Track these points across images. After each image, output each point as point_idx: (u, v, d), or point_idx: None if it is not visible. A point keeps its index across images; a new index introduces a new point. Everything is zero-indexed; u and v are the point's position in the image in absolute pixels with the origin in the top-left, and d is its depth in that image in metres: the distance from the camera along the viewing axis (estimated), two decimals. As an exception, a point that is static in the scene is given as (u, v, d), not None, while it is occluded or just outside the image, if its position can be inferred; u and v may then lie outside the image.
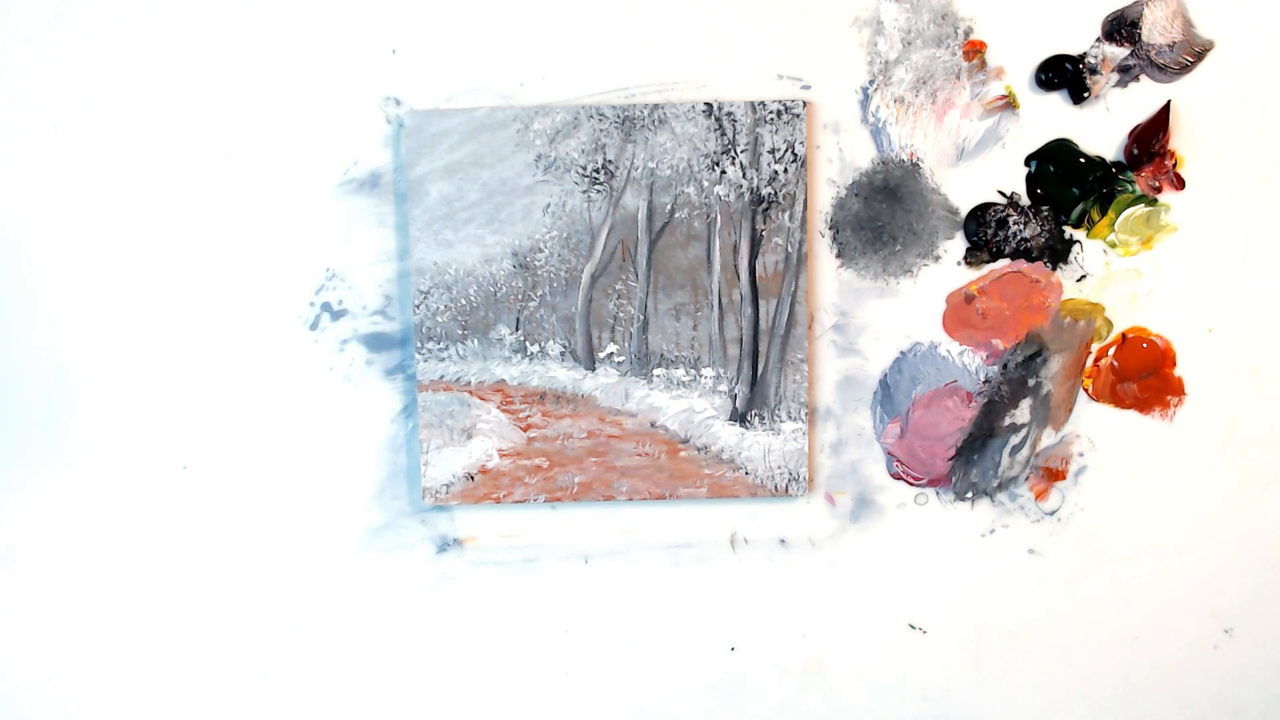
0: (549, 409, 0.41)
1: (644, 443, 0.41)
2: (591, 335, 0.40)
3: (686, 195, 0.40)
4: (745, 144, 0.40)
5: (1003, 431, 0.45)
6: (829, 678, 0.47)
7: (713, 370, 0.41)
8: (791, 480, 0.41)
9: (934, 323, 0.44)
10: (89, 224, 0.42)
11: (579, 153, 0.40)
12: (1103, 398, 0.45)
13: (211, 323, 0.43)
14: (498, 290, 0.40)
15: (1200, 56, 0.43)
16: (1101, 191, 0.44)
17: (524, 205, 0.40)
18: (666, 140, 0.40)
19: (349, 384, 0.43)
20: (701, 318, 0.41)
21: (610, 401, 0.41)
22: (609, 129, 0.40)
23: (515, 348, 0.40)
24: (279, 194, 0.42)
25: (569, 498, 0.40)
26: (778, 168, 0.40)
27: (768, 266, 0.41)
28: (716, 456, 0.41)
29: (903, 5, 0.43)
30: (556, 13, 0.42)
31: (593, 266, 0.40)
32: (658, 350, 0.41)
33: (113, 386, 0.43)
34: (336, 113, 0.42)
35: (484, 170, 0.39)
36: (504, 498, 0.40)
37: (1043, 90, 0.43)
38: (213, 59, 0.41)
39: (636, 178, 0.40)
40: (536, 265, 0.40)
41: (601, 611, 0.46)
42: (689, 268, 0.41)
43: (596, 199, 0.40)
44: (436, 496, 0.39)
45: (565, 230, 0.40)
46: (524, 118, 0.39)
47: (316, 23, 0.41)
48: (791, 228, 0.40)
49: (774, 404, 0.40)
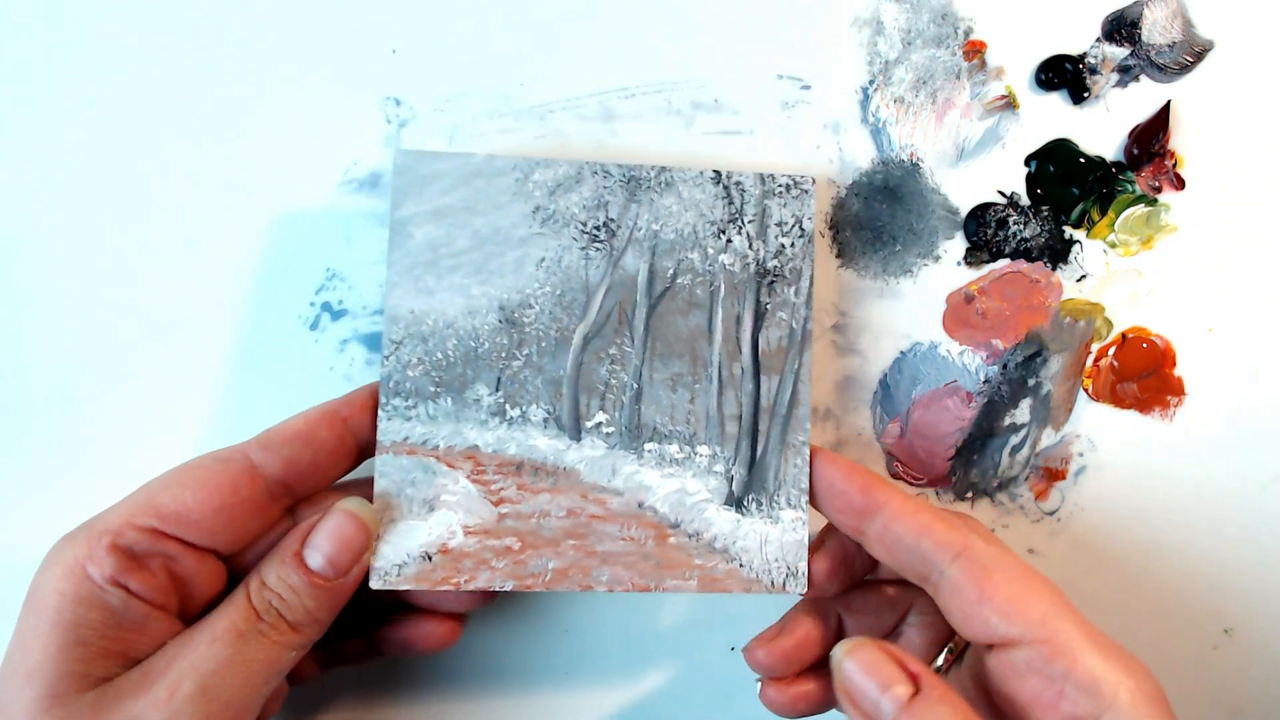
0: (525, 482, 0.37)
1: (629, 525, 0.37)
2: (579, 401, 0.37)
3: (690, 261, 0.38)
4: (753, 215, 0.38)
5: (1003, 431, 0.45)
6: (829, 678, 0.47)
7: (709, 449, 0.38)
8: (790, 576, 0.37)
9: (934, 323, 0.44)
10: (88, 224, 0.42)
11: (580, 208, 0.37)
12: (1103, 398, 0.45)
13: (211, 323, 0.43)
14: (479, 346, 0.37)
15: (1200, 56, 0.43)
16: (1101, 191, 0.44)
17: (516, 257, 0.37)
18: (672, 203, 0.38)
19: (350, 384, 0.43)
20: (700, 390, 0.38)
21: (595, 477, 0.37)
22: (613, 186, 0.38)
23: (493, 410, 0.37)
24: (279, 194, 0.42)
25: (540, 586, 0.36)
26: (785, 241, 0.38)
27: (771, 341, 0.38)
28: (709, 545, 0.37)
29: (903, 5, 0.43)
30: (556, 12, 0.42)
31: (586, 328, 0.37)
32: (650, 423, 0.38)
33: (112, 386, 0.43)
34: (336, 113, 0.42)
35: (476, 217, 0.37)
36: (465, 583, 0.36)
37: (1043, 90, 0.43)
38: (212, 59, 0.41)
39: (639, 239, 0.38)
40: (525, 322, 0.37)
41: (601, 612, 0.46)
42: (689, 336, 0.38)
43: (595, 257, 0.37)
44: (385, 579, 0.35)
45: (559, 287, 0.37)
46: (524, 167, 0.37)
47: (316, 22, 0.41)
48: (796, 303, 0.38)
49: (773, 490, 0.38)
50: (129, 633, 0.32)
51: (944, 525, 0.34)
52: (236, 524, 0.34)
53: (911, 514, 0.34)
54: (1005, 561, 0.33)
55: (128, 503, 0.33)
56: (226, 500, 0.33)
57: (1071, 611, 0.33)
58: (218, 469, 0.34)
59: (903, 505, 0.35)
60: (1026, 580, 0.33)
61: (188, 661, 0.32)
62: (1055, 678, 0.32)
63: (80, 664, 0.31)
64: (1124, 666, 0.32)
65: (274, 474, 0.34)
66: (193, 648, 0.32)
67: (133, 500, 0.33)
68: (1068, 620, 0.32)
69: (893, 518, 0.35)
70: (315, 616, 0.34)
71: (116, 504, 0.34)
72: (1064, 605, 0.33)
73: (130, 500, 0.33)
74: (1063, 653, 0.32)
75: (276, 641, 0.33)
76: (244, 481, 0.33)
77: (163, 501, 0.33)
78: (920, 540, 0.34)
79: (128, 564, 0.32)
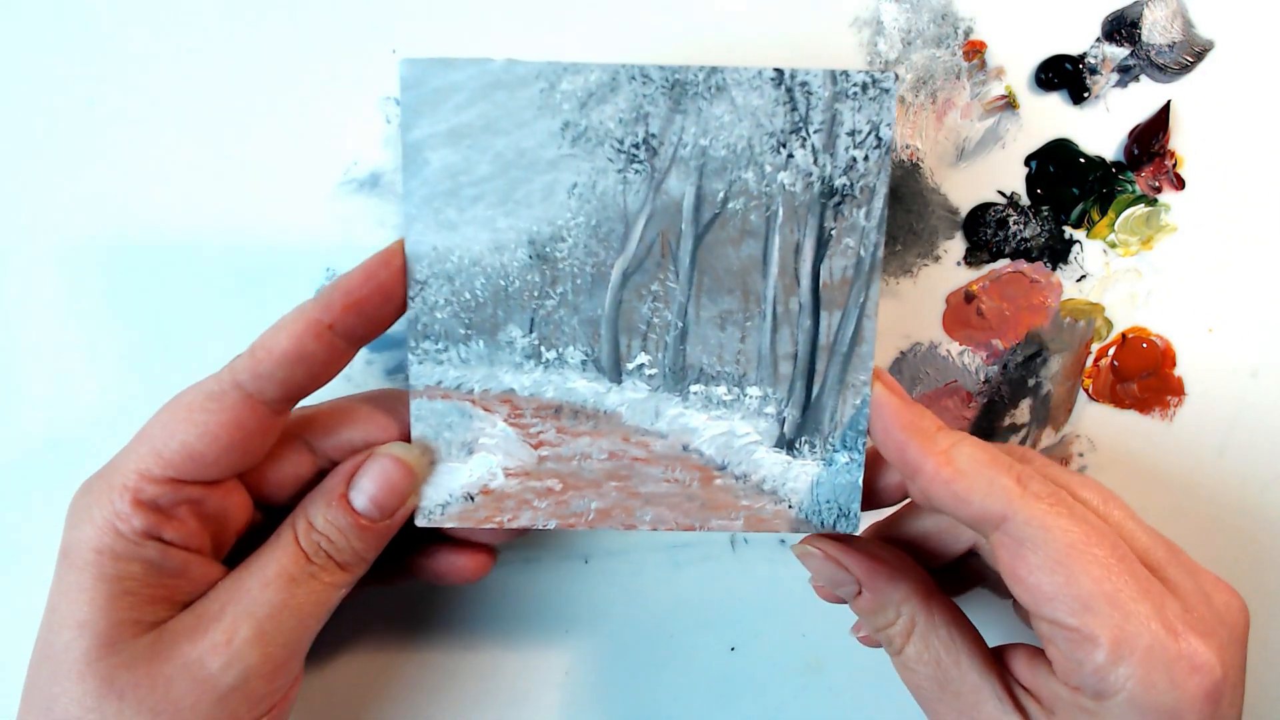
0: (565, 425, 0.35)
1: (674, 467, 0.35)
2: (620, 343, 0.34)
3: (744, 182, 0.33)
4: (820, 122, 0.32)
5: (1003, 431, 0.45)
6: (829, 678, 0.47)
7: (759, 390, 0.34)
8: (841, 516, 0.35)
9: (934, 323, 0.44)
10: (87, 224, 0.42)
11: (616, 123, 0.32)
12: (1103, 398, 0.45)
13: (211, 323, 0.43)
14: (509, 285, 0.33)
15: (1200, 56, 0.43)
16: (1101, 191, 0.44)
17: (545, 184, 0.33)
18: (724, 112, 0.32)
19: (350, 384, 0.43)
20: (751, 328, 0.34)
21: (637, 420, 0.35)
22: (654, 95, 0.32)
23: (528, 353, 0.34)
24: (279, 194, 0.42)
25: (584, 525, 0.35)
26: (856, 154, 0.33)
27: (834, 272, 0.33)
28: (757, 486, 0.35)
29: (903, 5, 0.43)
30: (555, 13, 0.42)
31: (625, 262, 0.33)
32: (697, 364, 0.34)
33: (113, 386, 0.43)
34: (336, 113, 0.42)
35: (498, 137, 0.32)
36: (508, 522, 0.35)
37: (1043, 90, 0.43)
38: (211, 58, 0.41)
39: (684, 157, 0.33)
40: (558, 257, 0.33)
41: (602, 611, 0.46)
42: (740, 269, 0.34)
43: (634, 181, 0.33)
44: (430, 518, 0.35)
45: (594, 216, 0.33)
46: (550, 74, 0.31)
47: (316, 22, 0.41)
48: (867, 227, 0.33)
49: (828, 431, 0.34)
50: (171, 579, 0.33)
51: (984, 490, 0.31)
52: (249, 450, 0.34)
53: (945, 482, 0.32)
54: (1047, 534, 0.31)
55: (134, 454, 0.33)
56: (234, 436, 0.33)
57: (1114, 594, 0.30)
58: (214, 407, 0.33)
59: (937, 471, 0.32)
60: (1067, 558, 0.31)
61: (242, 606, 0.33)
62: (1075, 662, 0.31)
63: (130, 611, 0.32)
64: (1159, 671, 0.30)
65: (272, 397, 0.33)
66: (245, 592, 0.33)
67: (138, 452, 0.33)
68: (1104, 608, 0.30)
69: (928, 484, 0.32)
70: (362, 556, 0.35)
71: (123, 455, 0.33)
72: (1108, 588, 0.30)
73: (135, 452, 0.33)
74: (1087, 645, 0.31)
75: (327, 583, 0.34)
76: (245, 413, 0.33)
77: (172, 450, 0.32)
78: (958, 510, 0.32)
79: (156, 517, 0.32)
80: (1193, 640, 0.31)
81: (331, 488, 0.35)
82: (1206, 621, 0.32)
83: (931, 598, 0.36)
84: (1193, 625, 0.31)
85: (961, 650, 0.35)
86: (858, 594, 0.36)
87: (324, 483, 0.35)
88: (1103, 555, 0.31)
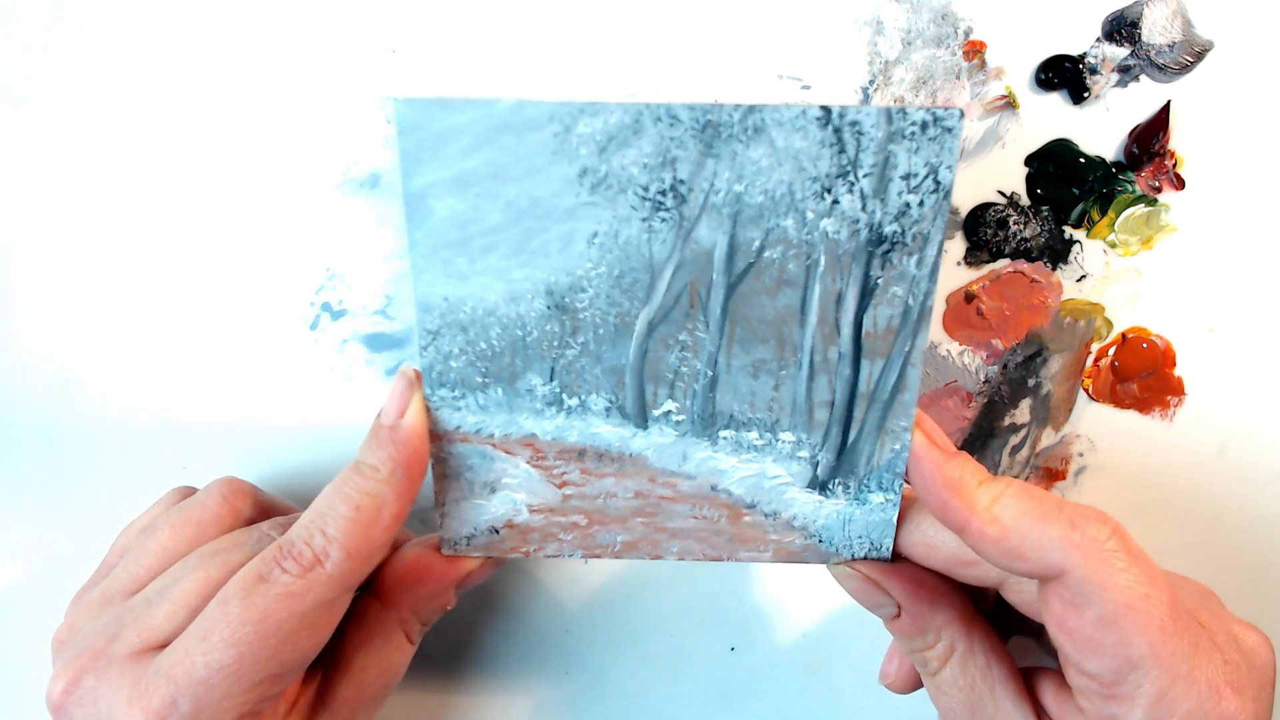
0: (589, 466, 0.33)
1: (701, 505, 0.33)
2: (645, 390, 0.32)
3: (782, 230, 0.30)
4: (871, 166, 0.30)
5: (1002, 431, 0.45)
6: (829, 678, 0.47)
7: (793, 435, 0.33)
8: (873, 549, 0.34)
9: (934, 322, 0.44)
10: (87, 224, 0.42)
11: (639, 168, 0.29)
12: (1103, 398, 0.45)
13: (212, 322, 0.43)
14: (527, 334, 0.32)
15: (1200, 56, 0.43)
16: (1101, 191, 0.44)
17: (563, 233, 0.30)
18: (762, 156, 0.29)
19: (350, 384, 0.43)
20: (786, 377, 0.32)
21: (664, 463, 0.33)
22: (683, 138, 0.29)
23: (549, 400, 0.32)
24: (279, 194, 0.42)
25: (610, 555, 0.34)
26: (911, 199, 0.30)
27: (879, 322, 0.31)
28: (787, 523, 0.33)
29: (903, 5, 0.43)
30: (555, 12, 0.42)
31: (651, 312, 0.31)
32: (727, 410, 0.32)
33: (112, 386, 0.43)
34: (336, 113, 0.42)
35: (508, 185, 0.30)
36: (534, 552, 0.34)
37: (1043, 90, 0.43)
38: (211, 58, 0.41)
39: (716, 204, 0.30)
40: (578, 307, 0.31)
41: (602, 611, 0.46)
42: (776, 319, 0.31)
43: (660, 230, 0.30)
44: (455, 548, 0.34)
45: (617, 267, 0.31)
46: (565, 116, 0.29)
47: (316, 22, 0.41)
48: (918, 275, 0.30)
49: (863, 474, 0.33)
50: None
51: (1035, 544, 0.30)
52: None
53: (994, 541, 0.30)
54: (1104, 593, 0.29)
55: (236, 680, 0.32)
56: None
57: (1167, 658, 0.29)
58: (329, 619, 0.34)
59: (983, 532, 0.31)
60: (1124, 619, 0.29)
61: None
62: (1107, 715, 0.30)
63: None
64: None
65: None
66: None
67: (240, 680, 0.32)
68: (1152, 669, 0.29)
69: (976, 543, 0.31)
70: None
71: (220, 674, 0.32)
72: (1162, 651, 0.29)
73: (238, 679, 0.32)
74: (1125, 703, 0.30)
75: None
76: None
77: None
78: (1012, 566, 0.31)
79: None
80: (1230, 698, 0.30)
81: None
82: (1240, 671, 0.31)
83: (972, 623, 0.35)
84: (1230, 679, 0.30)
85: (997, 679, 0.34)
86: (895, 616, 0.35)
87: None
88: (1159, 617, 0.29)
